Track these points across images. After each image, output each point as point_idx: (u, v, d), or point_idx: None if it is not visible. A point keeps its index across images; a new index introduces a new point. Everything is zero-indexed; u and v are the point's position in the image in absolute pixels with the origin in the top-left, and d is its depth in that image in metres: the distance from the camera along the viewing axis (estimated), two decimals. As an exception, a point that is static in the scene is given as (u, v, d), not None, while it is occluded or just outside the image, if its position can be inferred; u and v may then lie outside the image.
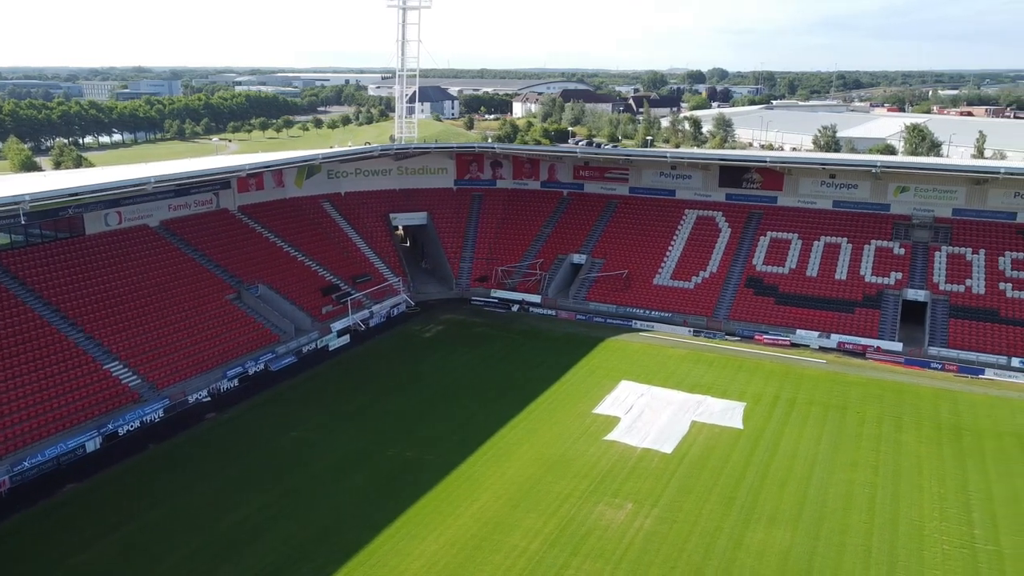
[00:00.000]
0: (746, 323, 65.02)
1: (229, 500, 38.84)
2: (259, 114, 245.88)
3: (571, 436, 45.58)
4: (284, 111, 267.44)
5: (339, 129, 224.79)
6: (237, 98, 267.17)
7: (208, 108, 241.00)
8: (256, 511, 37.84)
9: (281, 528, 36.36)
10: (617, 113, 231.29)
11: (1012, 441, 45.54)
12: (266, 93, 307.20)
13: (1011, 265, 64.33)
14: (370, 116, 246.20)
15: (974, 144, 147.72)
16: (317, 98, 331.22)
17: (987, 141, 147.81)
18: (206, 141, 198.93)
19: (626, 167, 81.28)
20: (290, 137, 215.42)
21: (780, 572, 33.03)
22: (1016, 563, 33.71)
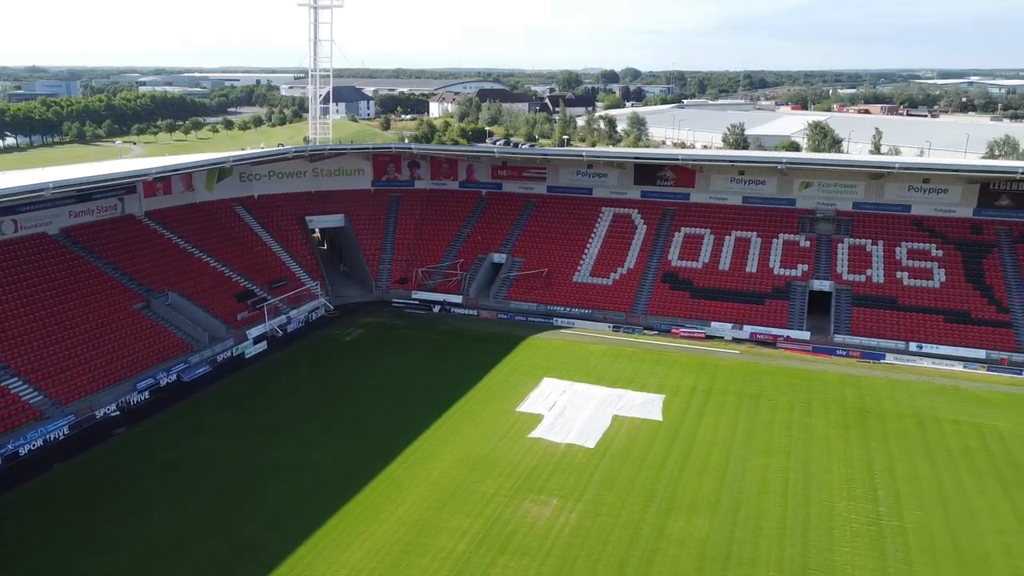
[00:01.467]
0: (663, 317, 66.60)
1: (143, 518, 37.34)
2: (165, 115, 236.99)
3: (495, 435, 45.72)
4: (192, 112, 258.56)
5: (251, 130, 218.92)
6: (141, 99, 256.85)
7: (110, 109, 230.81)
8: (173, 528, 36.51)
9: (199, 545, 35.18)
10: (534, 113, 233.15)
11: (911, 422, 48.11)
12: (173, 94, 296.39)
13: (907, 255, 67.90)
14: (283, 117, 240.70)
15: (871, 140, 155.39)
16: (227, 99, 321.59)
17: (883, 138, 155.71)
18: (109, 144, 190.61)
19: (543, 166, 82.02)
20: (199, 139, 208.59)
21: (700, 558, 33.99)
22: (918, 536, 35.64)
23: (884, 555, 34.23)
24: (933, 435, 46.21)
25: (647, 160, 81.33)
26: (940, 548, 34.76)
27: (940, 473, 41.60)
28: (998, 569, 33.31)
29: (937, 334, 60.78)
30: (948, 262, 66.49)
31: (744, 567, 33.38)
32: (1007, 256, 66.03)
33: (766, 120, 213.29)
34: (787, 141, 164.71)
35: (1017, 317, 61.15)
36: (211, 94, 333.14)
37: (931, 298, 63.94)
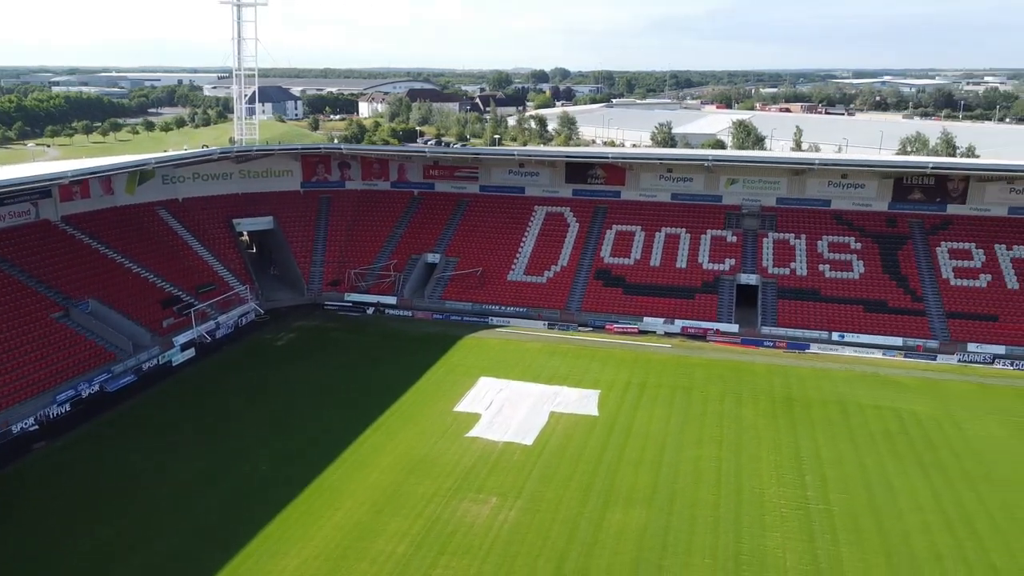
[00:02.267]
0: (597, 314, 67.42)
1: (67, 535, 35.82)
2: (81, 117, 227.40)
3: (433, 436, 45.53)
4: (110, 113, 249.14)
5: (174, 132, 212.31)
6: (55, 100, 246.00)
7: (21, 111, 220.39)
8: (100, 544, 35.14)
9: (129, 560, 33.97)
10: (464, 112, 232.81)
11: (835, 408, 49.93)
12: (89, 94, 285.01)
13: (828, 248, 70.41)
14: (207, 118, 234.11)
15: (793, 138, 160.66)
16: (147, 99, 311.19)
17: (803, 135, 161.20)
18: (20, 147, 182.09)
19: (476, 166, 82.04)
20: (119, 141, 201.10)
21: (638, 549, 34.56)
22: (844, 518, 37.01)
23: (812, 538, 35.43)
24: (856, 420, 48.06)
25: (578, 159, 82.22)
26: (864, 528, 36.18)
27: (863, 457, 43.28)
28: (918, 546, 34.86)
29: (857, 324, 63.22)
30: (866, 254, 69.22)
31: (680, 556, 34.09)
32: (920, 247, 69.14)
33: (692, 119, 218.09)
34: (713, 139, 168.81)
35: (930, 306, 64.09)
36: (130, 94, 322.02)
37: (851, 289, 66.46)
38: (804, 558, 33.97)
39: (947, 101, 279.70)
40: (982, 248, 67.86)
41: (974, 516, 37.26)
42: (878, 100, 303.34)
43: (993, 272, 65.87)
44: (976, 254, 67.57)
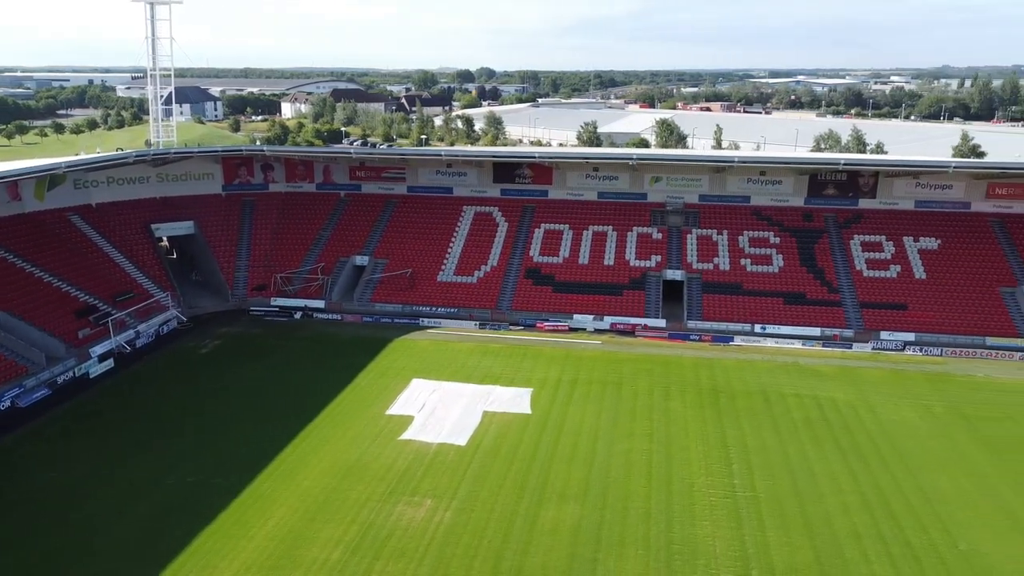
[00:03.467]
0: (528, 312, 67.88)
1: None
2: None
3: (365, 440, 45.07)
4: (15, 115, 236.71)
5: (85, 134, 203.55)
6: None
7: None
8: (17, 569, 33.54)
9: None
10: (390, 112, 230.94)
11: (759, 398, 51.59)
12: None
13: (749, 243, 72.63)
14: (121, 119, 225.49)
15: (713, 136, 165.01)
16: (55, 100, 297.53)
17: (723, 133, 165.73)
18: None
19: (403, 166, 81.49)
20: (25, 144, 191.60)
21: (572, 544, 34.99)
22: (769, 504, 38.29)
23: (740, 524, 36.54)
24: (778, 409, 49.76)
25: (505, 159, 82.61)
26: (789, 513, 37.51)
27: (786, 444, 44.86)
28: (839, 526, 36.35)
29: (778, 315, 65.44)
30: (785, 248, 71.68)
31: (614, 548, 34.68)
32: (835, 240, 71.99)
33: (617, 118, 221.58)
34: (637, 138, 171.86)
35: (845, 296, 66.83)
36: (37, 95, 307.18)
37: (771, 282, 68.72)
38: (733, 544, 35.00)
39: (857, 100, 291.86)
40: (892, 240, 71.13)
41: (889, 496, 39.07)
42: (793, 99, 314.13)
43: (902, 263, 69.12)
44: (886, 246, 70.78)
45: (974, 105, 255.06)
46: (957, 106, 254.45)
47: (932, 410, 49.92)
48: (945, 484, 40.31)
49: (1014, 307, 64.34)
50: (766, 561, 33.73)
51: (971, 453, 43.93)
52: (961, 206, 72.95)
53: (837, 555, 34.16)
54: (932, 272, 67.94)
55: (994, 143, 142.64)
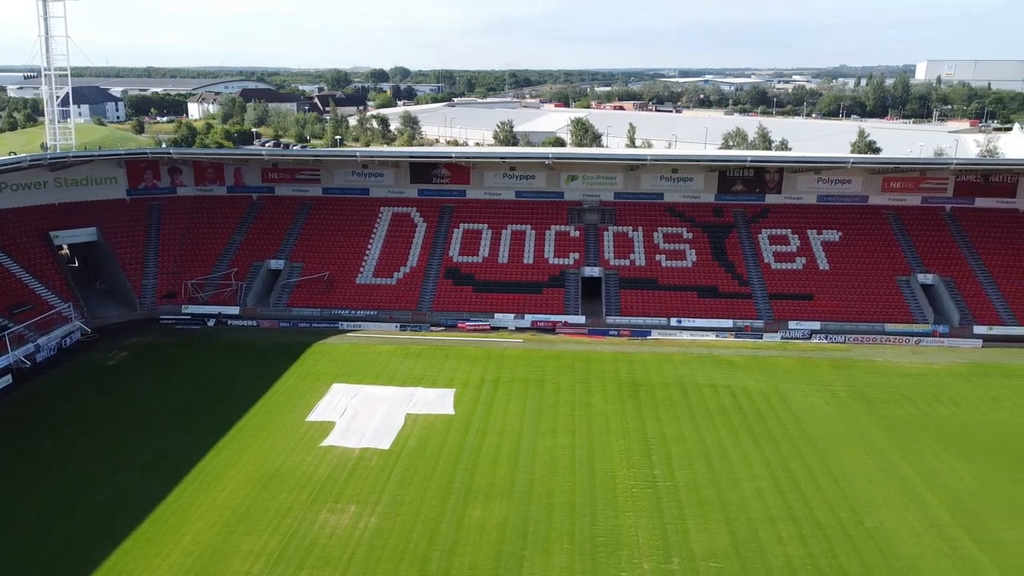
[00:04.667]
0: (449, 313, 67.78)
1: None
2: None
3: (286, 448, 44.14)
4: None
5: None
6: None
7: None
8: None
9: (-58, 613, 30.66)
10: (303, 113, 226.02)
11: (676, 390, 53.01)
12: None
13: (663, 239, 74.46)
14: (13, 121, 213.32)
15: (627, 135, 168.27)
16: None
17: (637, 132, 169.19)
18: None
19: (317, 167, 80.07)
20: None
21: (499, 542, 35.19)
22: (688, 492, 39.41)
23: (662, 513, 37.48)
24: (695, 400, 51.26)
25: (422, 159, 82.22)
26: (707, 500, 38.71)
27: (702, 433, 46.25)
28: (754, 510, 37.73)
29: (692, 309, 67.35)
30: (697, 243, 73.81)
31: (540, 544, 35.05)
32: (744, 235, 74.57)
33: (532, 117, 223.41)
34: (553, 137, 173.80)
35: (755, 289, 69.33)
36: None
37: (685, 277, 70.67)
38: (654, 533, 35.88)
39: (762, 98, 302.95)
40: (797, 234, 74.18)
41: (800, 479, 40.80)
42: (702, 98, 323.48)
43: (807, 255, 72.18)
44: (792, 239, 73.77)
45: (869, 103, 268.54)
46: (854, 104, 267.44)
47: (837, 395, 52.37)
48: (850, 465, 42.36)
49: (909, 295, 68.10)
50: (686, 548, 34.72)
51: (873, 434, 46.30)
52: (859, 200, 76.70)
53: (753, 539, 35.45)
54: (835, 263, 71.20)
55: (888, 139, 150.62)
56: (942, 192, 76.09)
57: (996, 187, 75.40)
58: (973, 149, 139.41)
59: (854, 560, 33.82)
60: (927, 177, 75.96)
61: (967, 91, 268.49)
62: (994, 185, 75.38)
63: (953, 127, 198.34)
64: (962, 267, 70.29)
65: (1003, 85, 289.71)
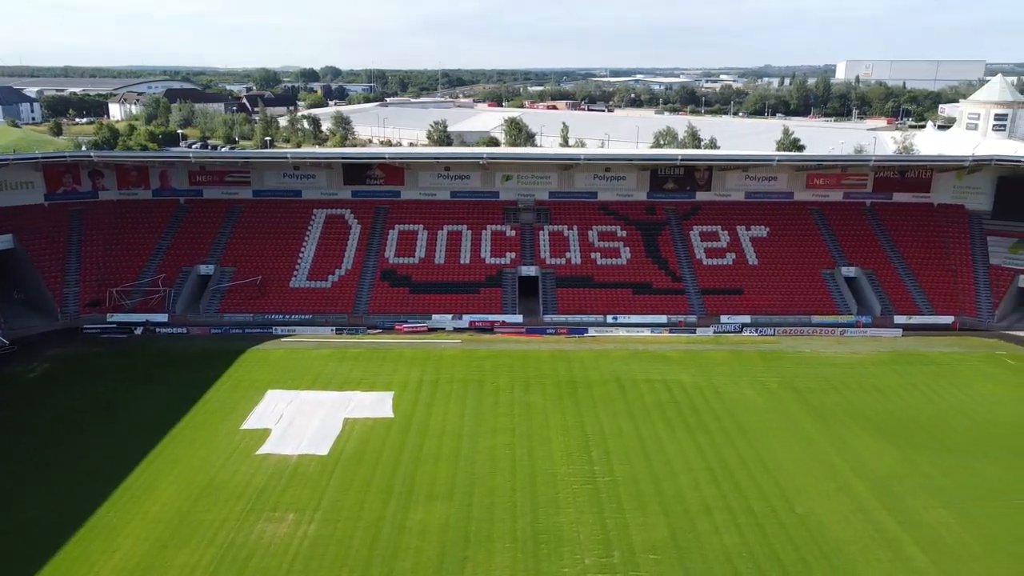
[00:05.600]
0: (386, 315, 67.21)
1: None
2: None
3: (220, 458, 43.11)
4: None
5: None
6: None
7: None
8: None
9: None
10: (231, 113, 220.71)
11: (614, 386, 53.77)
12: None
13: (598, 237, 75.37)
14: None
15: (560, 134, 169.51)
16: None
17: (570, 131, 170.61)
18: None
19: (247, 169, 78.33)
20: None
21: (441, 544, 35.12)
22: (627, 486, 40.05)
23: (601, 508, 37.99)
24: (632, 395, 52.09)
25: (355, 160, 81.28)
26: (645, 493, 39.40)
27: (640, 427, 47.05)
28: (691, 501, 38.57)
29: (628, 305, 68.40)
30: (631, 241, 74.96)
31: (482, 544, 35.12)
32: (676, 232, 76.07)
33: (466, 117, 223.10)
34: (487, 137, 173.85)
35: (688, 284, 70.82)
36: None
37: (620, 274, 71.70)
38: (595, 528, 36.35)
39: (691, 98, 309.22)
40: (727, 230, 76.04)
41: (734, 469, 41.90)
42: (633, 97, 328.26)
43: (736, 251, 74.07)
44: (722, 235, 75.59)
45: (793, 102, 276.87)
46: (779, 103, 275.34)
47: (768, 386, 53.95)
48: (781, 453, 43.71)
49: (834, 287, 70.59)
50: (626, 542, 35.29)
51: (802, 423, 47.88)
52: (785, 196, 79.08)
53: (690, 529, 36.26)
54: (763, 258, 73.26)
55: (811, 137, 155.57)
56: (862, 188, 79.07)
57: (912, 182, 78.74)
58: (890, 146, 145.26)
59: (787, 546, 34.93)
60: (848, 174, 78.81)
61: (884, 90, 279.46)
62: (910, 181, 78.71)
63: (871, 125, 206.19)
64: (882, 260, 73.20)
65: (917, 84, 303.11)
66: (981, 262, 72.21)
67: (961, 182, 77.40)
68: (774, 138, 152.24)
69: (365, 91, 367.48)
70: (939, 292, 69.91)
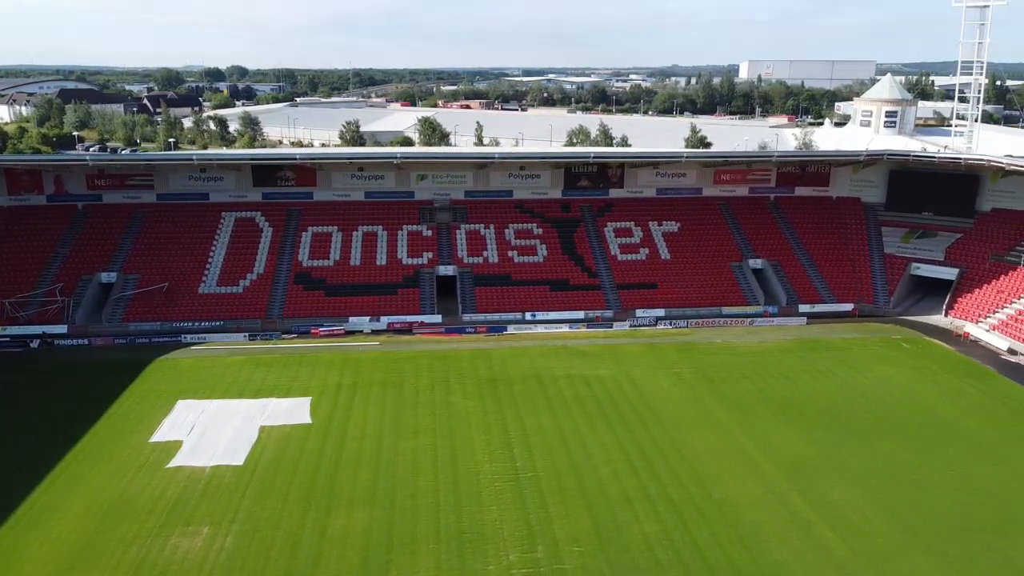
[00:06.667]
0: (301, 319, 65.82)
1: None
2: None
3: (128, 473, 41.28)
4: None
5: None
6: None
7: None
8: None
9: None
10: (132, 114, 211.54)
11: (534, 382, 54.18)
12: None
13: (515, 236, 75.80)
14: None
15: (474, 133, 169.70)
16: None
17: (484, 131, 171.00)
18: None
19: (150, 173, 75.33)
20: None
21: (364, 549, 34.61)
22: (549, 481, 40.38)
23: (525, 504, 38.19)
24: (552, 390, 52.59)
25: (264, 161, 79.27)
26: (567, 487, 39.82)
27: (560, 422, 47.54)
28: (612, 493, 39.21)
29: (545, 302, 69.05)
30: (547, 239, 75.69)
31: (406, 547, 34.78)
32: (591, 229, 77.25)
33: (379, 117, 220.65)
34: (401, 136, 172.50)
35: (603, 280, 72.03)
36: None
37: (537, 271, 72.32)
38: (519, 525, 36.50)
39: (602, 97, 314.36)
40: (639, 226, 77.69)
41: (652, 459, 42.83)
42: (546, 96, 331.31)
43: (649, 246, 75.79)
44: (635, 231, 77.20)
45: (700, 101, 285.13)
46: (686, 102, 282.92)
47: (682, 377, 55.42)
48: (697, 442, 44.95)
49: (742, 279, 73.09)
50: (550, 536, 35.59)
51: (716, 411, 49.38)
52: (694, 192, 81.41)
53: (612, 520, 36.86)
54: (675, 252, 75.19)
55: (718, 134, 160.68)
56: (767, 183, 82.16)
57: (812, 177, 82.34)
58: (792, 142, 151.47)
59: (704, 532, 35.92)
60: (753, 170, 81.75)
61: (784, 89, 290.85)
62: (810, 175, 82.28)
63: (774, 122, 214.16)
64: (786, 251, 76.25)
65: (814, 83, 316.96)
66: (877, 251, 76.11)
67: (857, 176, 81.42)
68: (683, 136, 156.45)
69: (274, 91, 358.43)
70: (839, 281, 73.31)
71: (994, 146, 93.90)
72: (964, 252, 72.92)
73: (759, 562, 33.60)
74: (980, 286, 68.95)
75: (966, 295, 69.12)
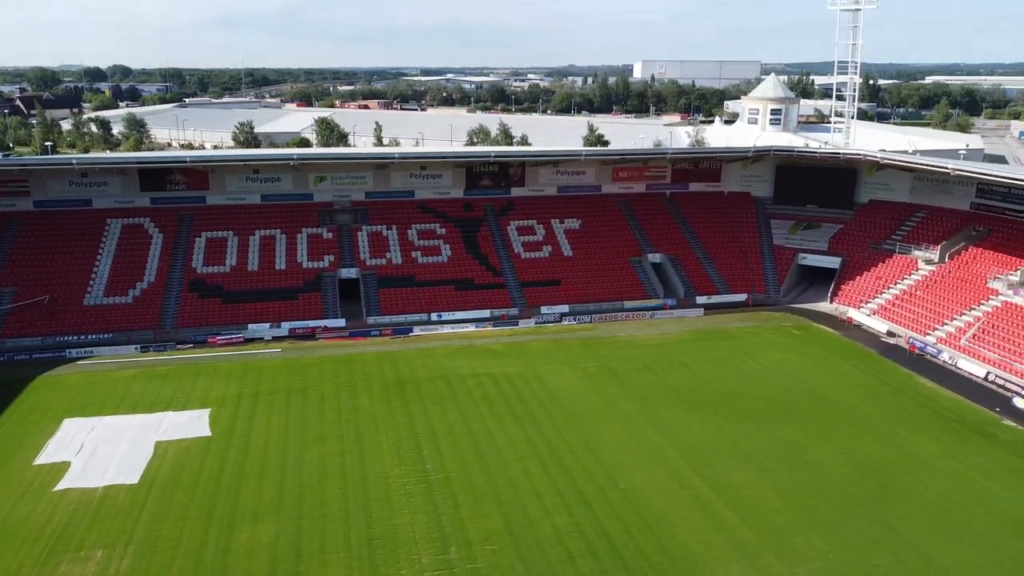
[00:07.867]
0: (196, 328, 63.29)
1: None
2: None
3: (11, 498, 38.65)
4: None
5: None
6: None
7: None
8: None
9: None
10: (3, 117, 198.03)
11: (441, 383, 53.96)
12: None
13: (418, 236, 75.25)
14: None
15: (374, 133, 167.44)
16: None
17: (384, 131, 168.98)
18: None
19: (25, 178, 70.76)
20: None
21: (272, 562, 33.61)
22: (460, 481, 40.31)
23: (436, 506, 37.99)
24: (460, 390, 52.52)
25: (152, 164, 75.74)
26: (478, 486, 39.86)
27: (469, 422, 47.54)
28: (522, 489, 39.51)
29: (451, 302, 68.88)
30: (451, 238, 75.51)
31: (315, 556, 34.00)
32: (494, 228, 77.56)
33: (274, 117, 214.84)
34: (298, 137, 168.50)
35: (508, 278, 72.47)
36: None
37: (442, 272, 72.04)
38: (430, 527, 36.28)
39: (501, 96, 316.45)
40: (542, 224, 78.56)
41: (561, 453, 43.41)
42: (445, 96, 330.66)
43: (552, 244, 76.74)
44: (538, 229, 78.01)
45: (596, 100, 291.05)
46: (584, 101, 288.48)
47: (588, 371, 56.40)
48: (604, 433, 45.86)
49: (642, 273, 75.02)
50: (462, 536, 35.53)
51: (621, 403, 50.51)
52: (594, 189, 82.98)
53: (523, 516, 37.13)
54: (577, 249, 76.42)
55: (614, 133, 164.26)
56: (662, 180, 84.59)
57: (705, 173, 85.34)
58: (685, 140, 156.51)
59: (614, 521, 36.67)
60: (649, 167, 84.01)
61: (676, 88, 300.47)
62: (703, 171, 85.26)
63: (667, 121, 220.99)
64: (683, 245, 78.74)
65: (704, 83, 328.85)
66: (767, 243, 79.61)
67: (746, 171, 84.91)
68: (581, 134, 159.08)
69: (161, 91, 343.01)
70: (733, 272, 76.27)
71: (870, 141, 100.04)
72: (845, 242, 77.23)
73: (666, 547, 34.59)
74: (860, 273, 73.16)
75: (848, 282, 73.19)
